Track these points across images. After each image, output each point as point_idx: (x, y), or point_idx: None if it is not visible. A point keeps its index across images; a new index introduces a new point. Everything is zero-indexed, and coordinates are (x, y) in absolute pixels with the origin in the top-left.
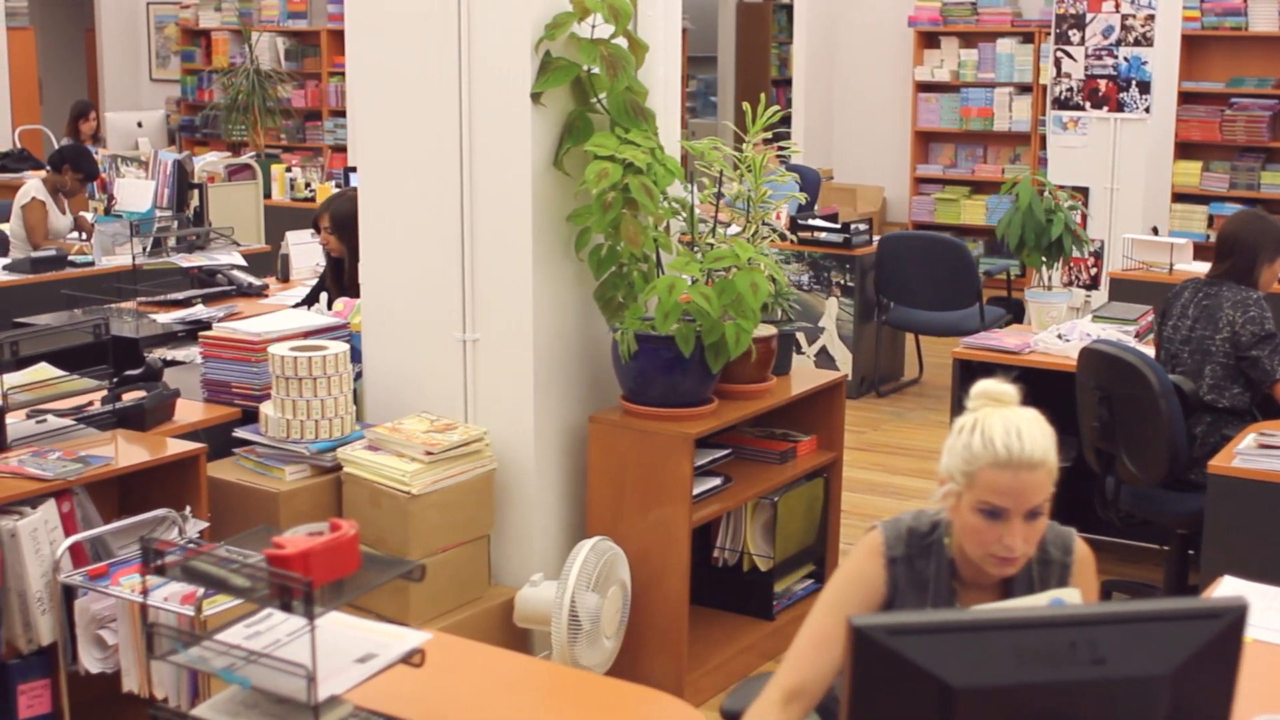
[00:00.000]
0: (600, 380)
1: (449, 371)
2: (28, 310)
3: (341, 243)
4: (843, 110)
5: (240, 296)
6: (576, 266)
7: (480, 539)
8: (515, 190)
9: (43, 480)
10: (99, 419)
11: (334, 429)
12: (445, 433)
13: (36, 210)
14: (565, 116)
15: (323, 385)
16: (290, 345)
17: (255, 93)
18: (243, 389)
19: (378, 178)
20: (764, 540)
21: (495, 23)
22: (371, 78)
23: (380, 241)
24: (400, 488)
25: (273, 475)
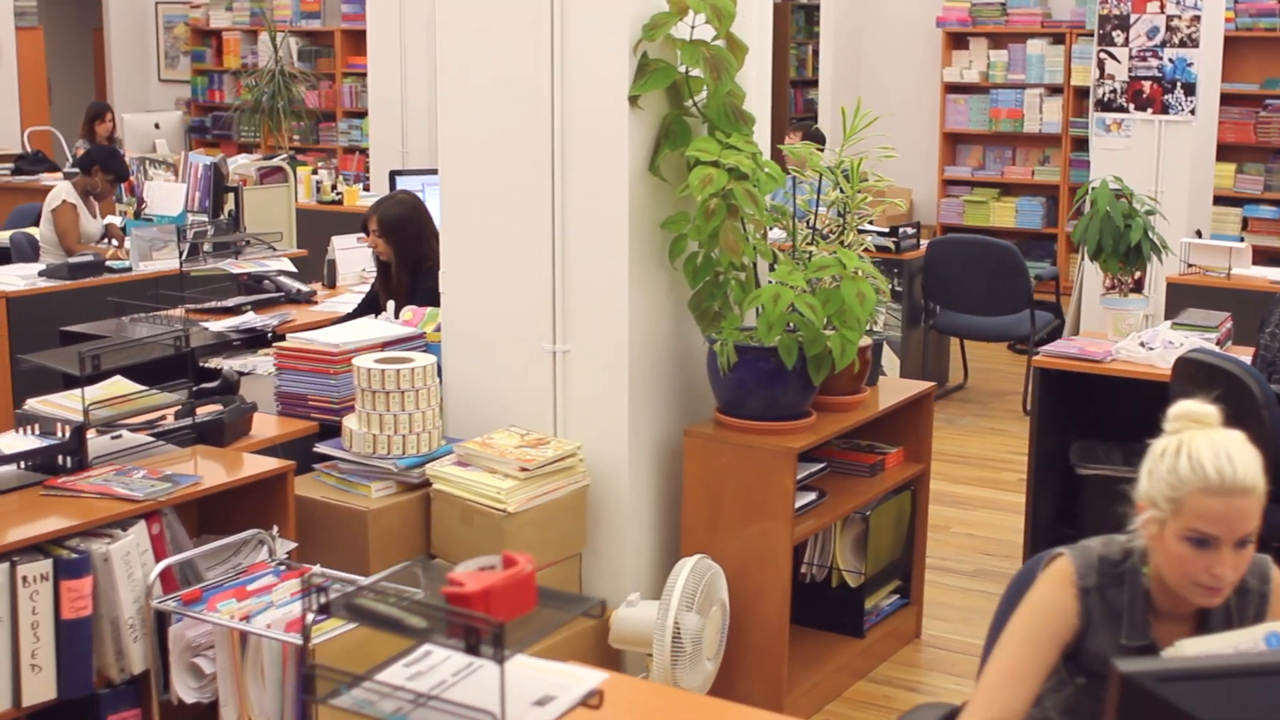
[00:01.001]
0: (692, 392)
1: (537, 384)
2: (70, 317)
3: (390, 246)
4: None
5: (290, 303)
6: (670, 275)
7: (573, 557)
8: (611, 196)
9: (133, 501)
10: (179, 435)
11: (421, 444)
12: (538, 448)
13: (68, 214)
14: (660, 120)
15: (410, 399)
16: (375, 357)
17: (280, 94)
18: (320, 402)
19: (463, 183)
20: (854, 555)
21: (591, 23)
22: (459, 79)
23: (465, 250)
24: (495, 505)
25: (357, 492)
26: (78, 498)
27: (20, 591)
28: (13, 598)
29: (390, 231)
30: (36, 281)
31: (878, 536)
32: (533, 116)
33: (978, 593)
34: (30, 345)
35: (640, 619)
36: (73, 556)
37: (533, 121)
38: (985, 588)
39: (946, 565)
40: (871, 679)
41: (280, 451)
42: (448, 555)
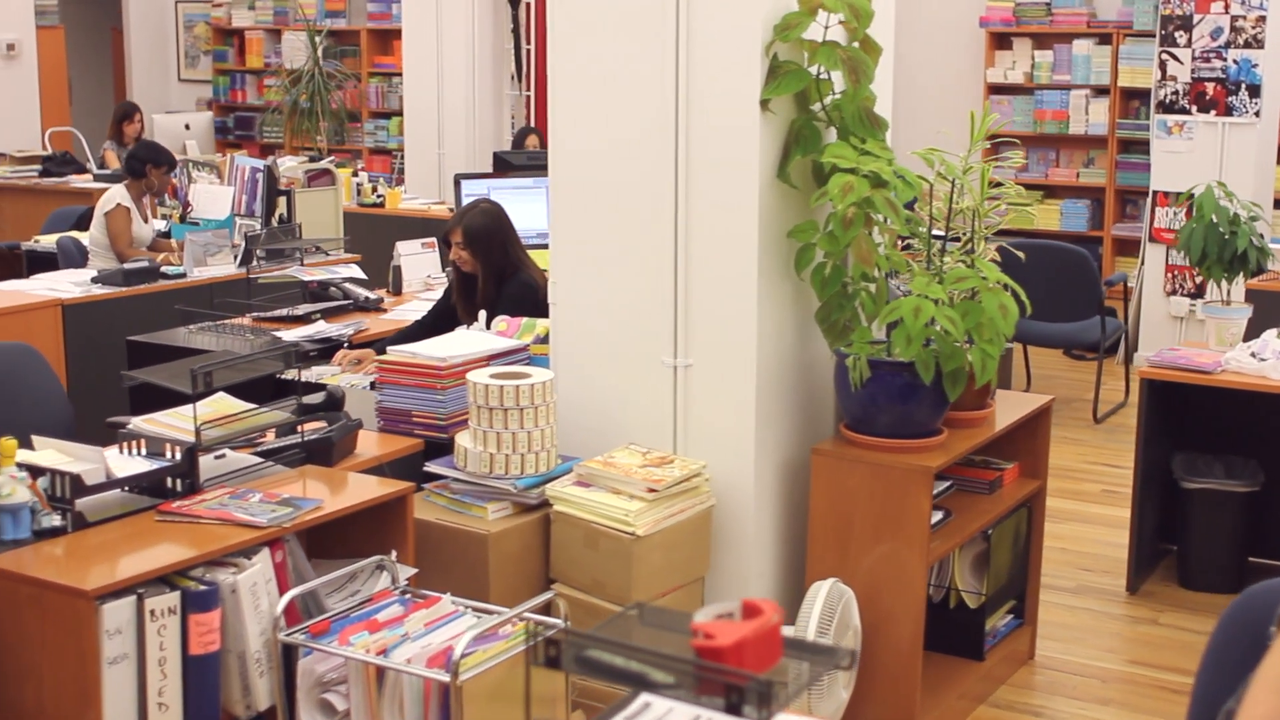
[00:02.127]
0: (813, 408)
1: (656, 400)
2: (127, 325)
3: (475, 258)
4: (910, 112)
5: (358, 311)
6: (794, 285)
7: (696, 581)
8: (740, 204)
9: (257, 528)
10: (288, 455)
11: (540, 464)
12: (663, 467)
13: (121, 218)
14: (788, 124)
15: (529, 416)
16: (490, 372)
17: (318, 95)
18: (426, 418)
19: (577, 189)
20: (973, 575)
21: (719, 23)
22: (575, 81)
23: (578, 260)
24: (623, 528)
25: (472, 514)
26: (196, 524)
27: (148, 626)
28: (140, 633)
29: (476, 242)
30: (91, 289)
31: (998, 555)
32: (655, 120)
33: (1083, 610)
34: (88, 354)
35: None
36: (201, 588)
37: (655, 125)
38: (1090, 605)
39: (1045, 582)
40: (993, 703)
41: (386, 470)
42: (569, 580)
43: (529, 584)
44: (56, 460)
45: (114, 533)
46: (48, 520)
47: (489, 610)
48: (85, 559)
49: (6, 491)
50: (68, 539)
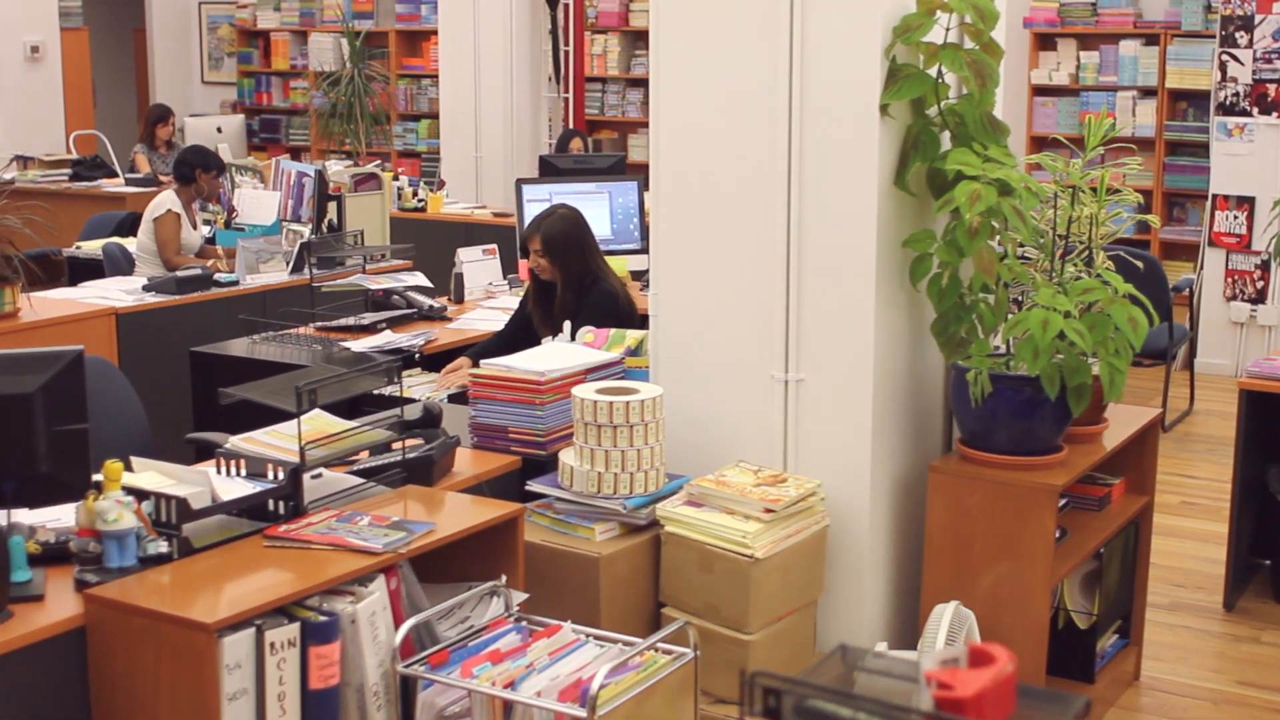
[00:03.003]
0: (925, 423)
1: (765, 416)
2: (180, 333)
3: (554, 266)
4: None
5: (423, 320)
6: (907, 296)
7: (810, 605)
8: (857, 212)
9: (372, 554)
10: (389, 474)
11: (649, 482)
12: (777, 486)
13: (171, 224)
14: (904, 130)
15: (638, 433)
16: (595, 387)
17: (358, 97)
18: (523, 434)
19: (681, 196)
20: (1083, 595)
21: (836, 24)
22: (680, 84)
23: (681, 269)
24: (740, 550)
25: (578, 535)
26: (306, 549)
27: (268, 659)
28: (259, 667)
29: (554, 250)
30: (144, 297)
31: (1108, 574)
32: (766, 124)
33: (1182, 628)
34: (143, 364)
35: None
36: (321, 619)
37: (766, 130)
38: (1189, 623)
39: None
40: None
41: (485, 489)
42: (680, 603)
43: (639, 608)
44: (160, 483)
45: (221, 559)
46: (154, 547)
47: (610, 638)
48: (197, 588)
49: (113, 517)
50: (175, 566)
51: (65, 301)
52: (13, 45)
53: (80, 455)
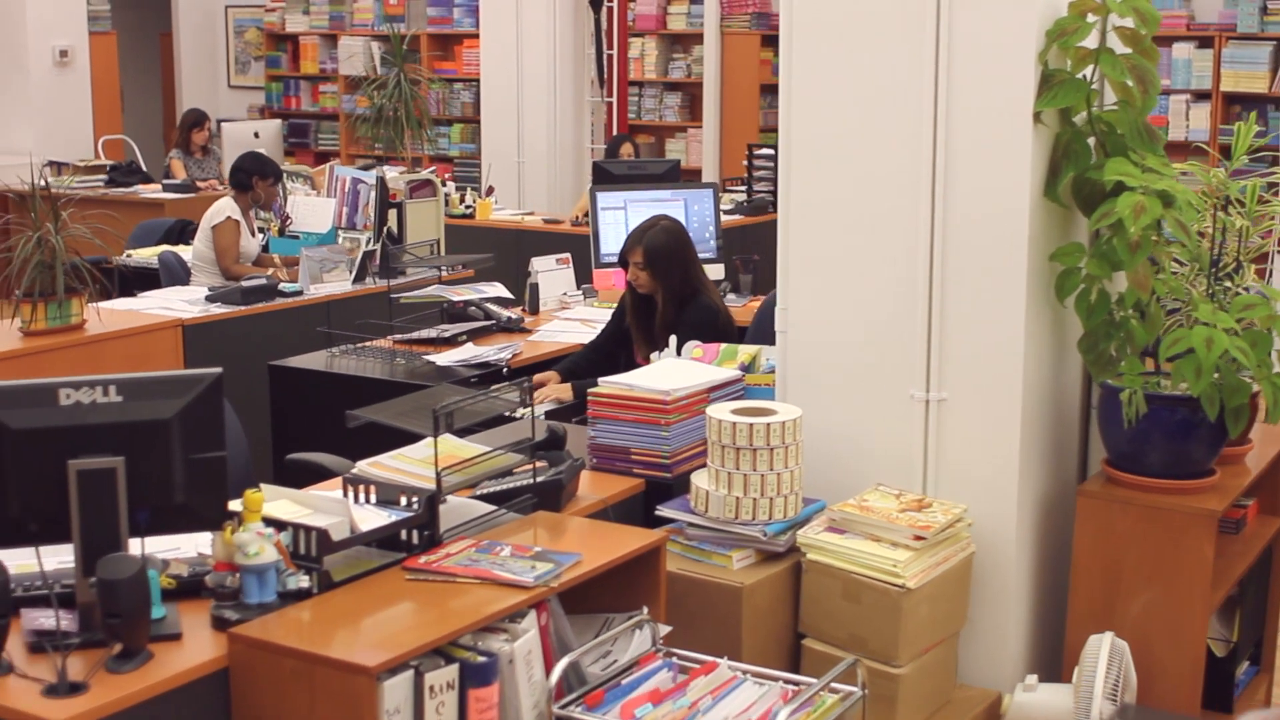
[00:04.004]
0: (1065, 443)
1: (902, 436)
2: (251, 346)
3: (655, 279)
4: None
5: (502, 332)
6: (1053, 311)
7: (952, 637)
8: (1007, 223)
9: (523, 588)
10: (520, 500)
11: (788, 508)
12: (923, 511)
13: (230, 232)
14: (1054, 138)
15: (778, 456)
16: (730, 408)
17: (405, 101)
18: (647, 456)
19: (814, 205)
20: (1220, 621)
21: (986, 26)
22: (815, 89)
23: (812, 282)
24: (890, 580)
25: (714, 563)
26: (451, 583)
27: (426, 704)
28: (417, 711)
29: (656, 262)
30: (209, 308)
31: (1246, 599)
32: (908, 130)
33: None
34: None
35: (1048, 706)
36: (480, 660)
37: (908, 136)
38: None
39: None
40: None
41: (610, 514)
42: (822, 635)
43: (778, 639)
44: (297, 513)
45: (362, 594)
46: (294, 581)
47: (769, 675)
48: (345, 627)
49: (254, 550)
50: (316, 602)
51: (130, 313)
52: (42, 50)
53: (217, 485)
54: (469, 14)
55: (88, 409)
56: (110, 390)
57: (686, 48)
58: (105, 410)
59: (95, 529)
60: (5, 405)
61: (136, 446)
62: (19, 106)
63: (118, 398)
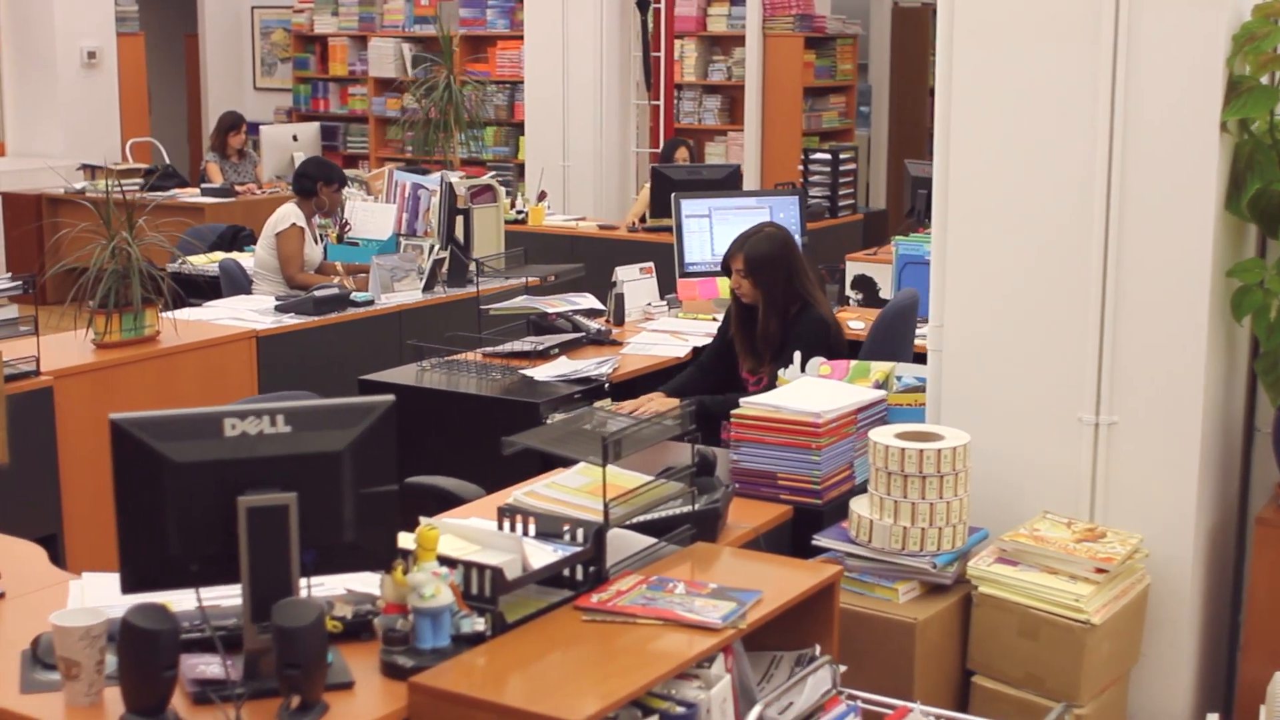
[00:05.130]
0: (1232, 468)
1: (1070, 462)
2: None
3: (758, 288)
4: None
5: (592, 345)
6: (1227, 329)
7: (1125, 674)
8: (1188, 238)
9: (711, 629)
10: (680, 531)
11: (955, 537)
12: (1098, 541)
13: (295, 239)
14: (1235, 149)
15: (948, 484)
16: (893, 432)
17: (455, 104)
18: (795, 481)
19: (975, 216)
20: None
21: (1169, 30)
22: (979, 96)
23: (969, 297)
24: (1073, 616)
25: (878, 596)
26: (631, 624)
27: None
28: None
29: (759, 272)
30: (281, 318)
31: None
32: (1079, 139)
33: None
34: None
35: None
36: (680, 710)
37: (1080, 146)
38: None
39: None
40: None
41: (761, 544)
42: (994, 672)
43: (948, 677)
44: (465, 549)
45: (539, 637)
46: (468, 624)
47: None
48: (535, 676)
49: (430, 592)
50: (491, 647)
51: (203, 324)
52: (70, 51)
53: (388, 521)
54: (502, 15)
55: (255, 440)
56: (279, 420)
57: (727, 50)
58: (273, 442)
59: (265, 570)
60: (167, 437)
61: (306, 481)
62: (47, 108)
63: (286, 428)
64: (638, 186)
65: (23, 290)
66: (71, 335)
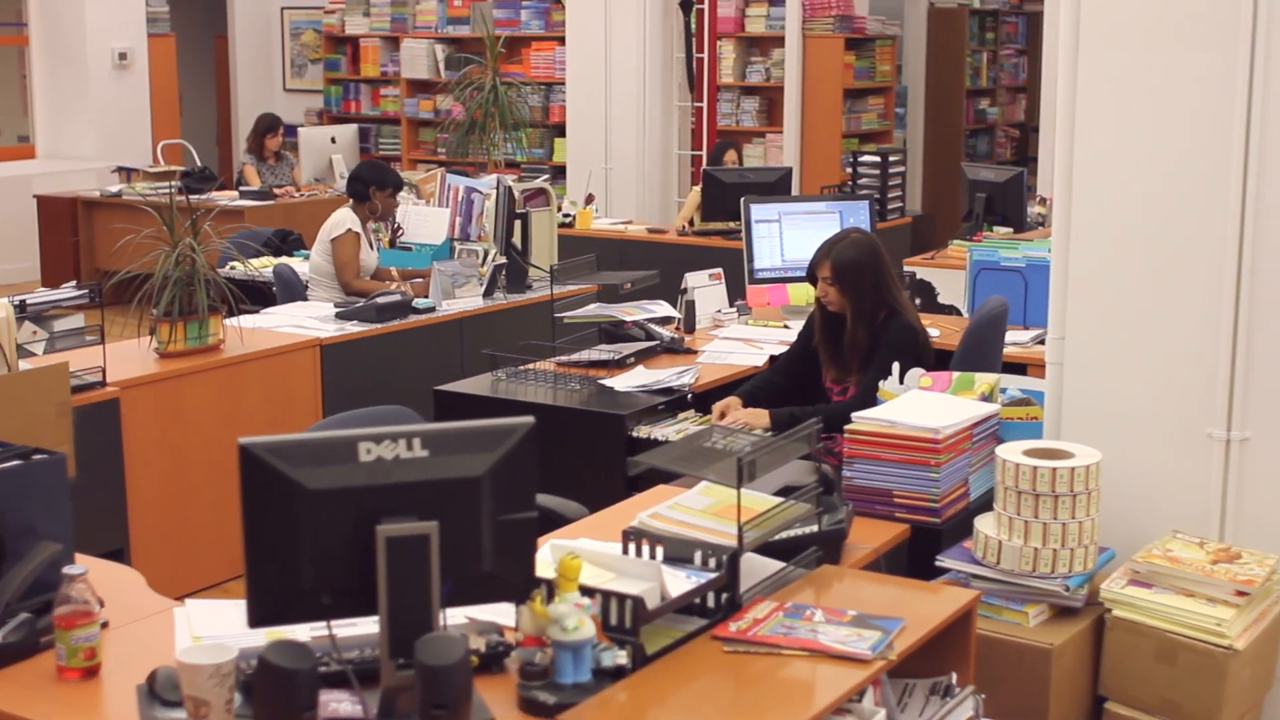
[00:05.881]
0: None
1: (1199, 480)
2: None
3: (844, 295)
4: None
5: (666, 353)
6: None
7: (1259, 701)
8: None
9: (861, 661)
10: (807, 554)
11: (1087, 559)
12: (1235, 563)
13: (351, 245)
14: None
15: (1080, 504)
16: (1021, 449)
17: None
18: (912, 499)
19: (1099, 227)
20: None
21: None
22: (1102, 100)
23: (1091, 307)
24: (1215, 640)
25: (1007, 619)
26: (775, 655)
27: None
28: None
29: (846, 278)
30: (344, 325)
31: None
32: (1214, 145)
33: None
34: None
35: None
36: None
37: (1212, 152)
38: None
39: None
40: None
41: (881, 565)
42: (1128, 698)
43: (1079, 704)
44: (600, 577)
45: (682, 670)
46: (609, 657)
47: None
48: (688, 713)
49: (573, 624)
50: (633, 682)
51: (266, 332)
52: (101, 52)
53: (527, 550)
54: (537, 16)
55: (391, 466)
56: (415, 444)
57: (765, 51)
58: (410, 467)
59: (404, 603)
60: (300, 463)
61: (445, 508)
62: (78, 110)
63: (423, 452)
64: (680, 189)
65: (89, 299)
66: (134, 344)
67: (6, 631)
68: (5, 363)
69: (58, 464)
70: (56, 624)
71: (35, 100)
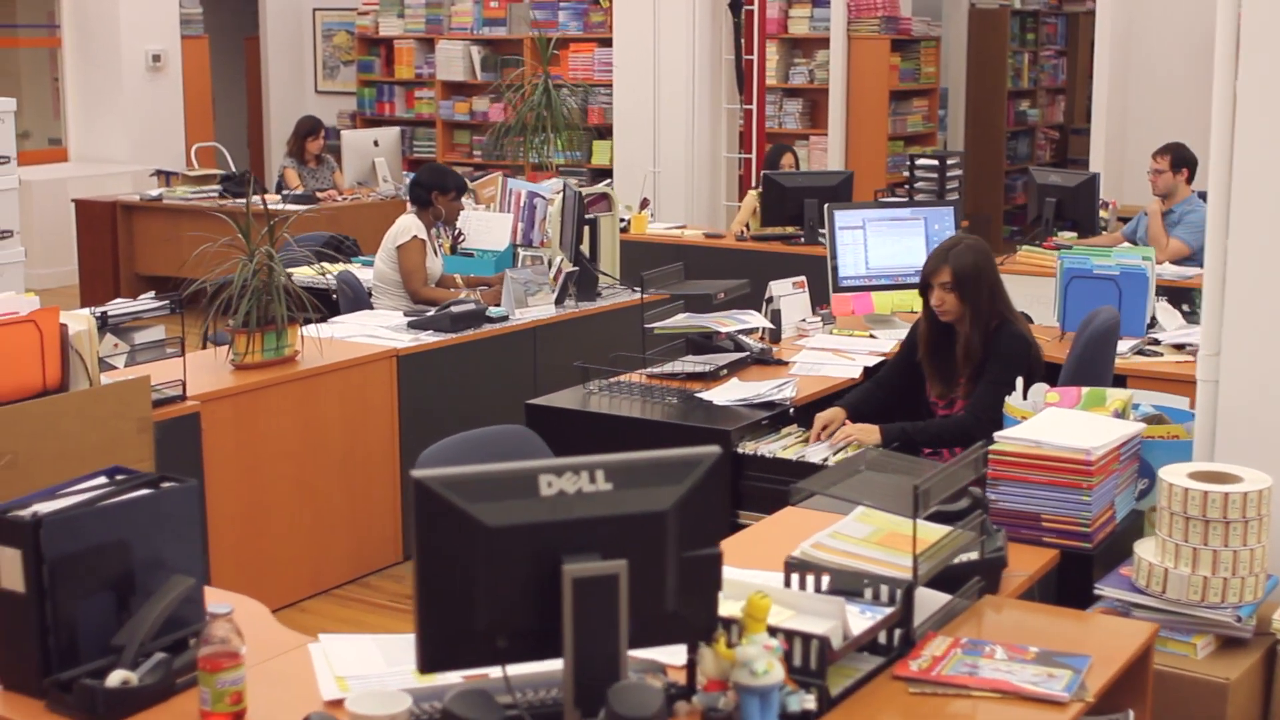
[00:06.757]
0: None
1: None
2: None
3: (964, 303)
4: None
5: (757, 364)
6: None
7: None
8: None
9: (1058, 704)
10: (971, 584)
11: (1257, 588)
12: None
13: (417, 252)
14: None
15: (1252, 530)
16: (1186, 471)
17: (554, 107)
18: (1062, 523)
19: (1262, 238)
20: None
21: None
22: (1266, 104)
23: (1256, 325)
24: None
25: (1174, 651)
26: (965, 697)
27: None
28: None
29: (965, 286)
30: (420, 335)
31: None
32: None
33: None
34: (424, 414)
35: None
36: None
37: None
38: None
39: None
40: None
41: (1035, 593)
42: None
43: None
44: (779, 615)
45: (868, 713)
46: (796, 701)
47: None
48: None
49: (762, 668)
50: None
51: (342, 343)
52: (135, 54)
53: (711, 588)
54: (575, 17)
55: (574, 500)
56: (598, 476)
57: (808, 53)
58: (594, 501)
59: (591, 648)
60: (479, 498)
61: (629, 545)
62: (112, 113)
63: (607, 485)
64: (728, 192)
65: (169, 310)
66: (209, 355)
67: (143, 673)
68: (88, 377)
69: (189, 492)
70: (201, 666)
71: (67, 102)
